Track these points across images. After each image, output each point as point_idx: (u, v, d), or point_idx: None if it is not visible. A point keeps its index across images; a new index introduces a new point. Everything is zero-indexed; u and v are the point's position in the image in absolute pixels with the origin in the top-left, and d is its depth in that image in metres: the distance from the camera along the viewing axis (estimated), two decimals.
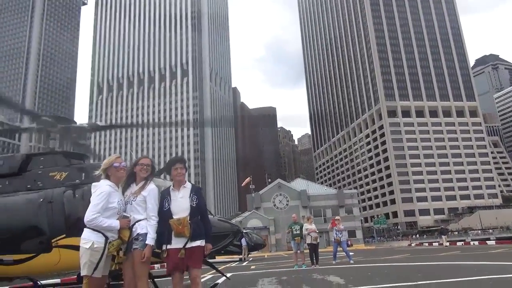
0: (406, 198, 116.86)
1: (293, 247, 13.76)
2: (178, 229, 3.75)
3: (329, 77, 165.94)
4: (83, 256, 3.53)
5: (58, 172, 6.40)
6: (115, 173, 3.81)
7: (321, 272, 10.31)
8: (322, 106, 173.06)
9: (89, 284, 3.53)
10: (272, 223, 50.57)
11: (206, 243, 3.93)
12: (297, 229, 13.52)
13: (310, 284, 7.51)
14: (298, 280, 8.70)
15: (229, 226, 6.56)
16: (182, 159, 4.17)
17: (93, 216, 3.53)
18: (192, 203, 3.91)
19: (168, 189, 4.05)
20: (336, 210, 54.11)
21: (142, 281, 3.70)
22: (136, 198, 3.85)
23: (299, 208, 49.30)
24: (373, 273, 9.50)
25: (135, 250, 3.69)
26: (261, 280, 9.16)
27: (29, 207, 6.03)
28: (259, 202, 53.08)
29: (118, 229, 3.68)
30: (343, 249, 14.98)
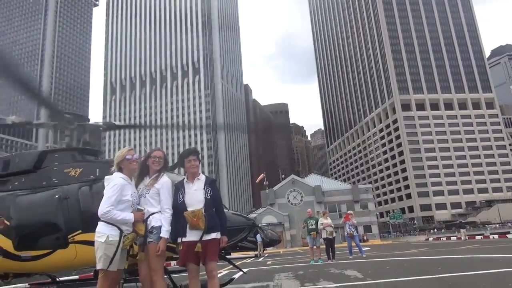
0: (422, 193, 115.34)
1: (309, 242, 13.66)
2: (193, 222, 3.68)
3: (341, 71, 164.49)
4: (99, 249, 3.49)
5: (73, 168, 6.39)
6: (127, 165, 3.76)
7: (338, 267, 10.19)
8: (335, 101, 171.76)
9: (104, 277, 3.50)
10: (287, 219, 50.44)
11: (222, 236, 3.86)
12: (312, 224, 13.40)
13: (327, 278, 7.40)
14: (315, 274, 8.60)
15: (244, 220, 6.46)
16: (195, 151, 4.11)
17: (107, 209, 3.49)
18: (206, 195, 3.84)
19: (182, 182, 3.99)
20: (351, 205, 53.68)
21: (157, 274, 3.65)
22: (149, 191, 3.80)
23: (314, 204, 49.00)
24: (391, 266, 9.34)
25: (149, 244, 3.65)
26: (277, 275, 9.09)
27: (45, 204, 6.04)
28: (273, 198, 52.96)
29: (133, 222, 3.63)
30: (355, 243, 14.88)
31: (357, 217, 52.43)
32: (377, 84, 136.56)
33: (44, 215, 5.97)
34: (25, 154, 6.91)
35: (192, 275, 3.79)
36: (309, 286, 6.45)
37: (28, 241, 5.90)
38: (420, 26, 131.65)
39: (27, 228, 5.93)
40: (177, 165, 5.98)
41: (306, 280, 7.41)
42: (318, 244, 13.57)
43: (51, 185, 6.27)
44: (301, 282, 7.19)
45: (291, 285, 6.85)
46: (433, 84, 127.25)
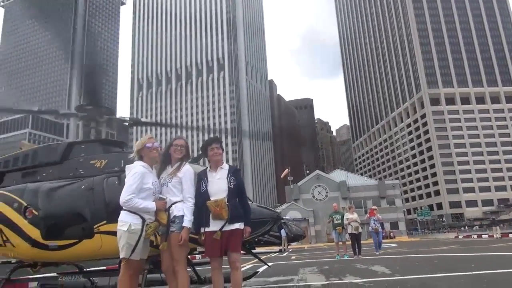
0: (452, 189, 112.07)
1: (335, 237, 13.44)
2: (215, 211, 3.60)
3: (368, 65, 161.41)
4: (121, 238, 3.47)
5: (98, 160, 6.45)
6: (148, 153, 3.72)
7: (365, 262, 9.96)
8: (361, 96, 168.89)
9: (127, 266, 3.47)
10: (311, 214, 50.05)
11: (245, 226, 3.77)
12: (338, 219, 13.17)
13: (354, 274, 7.21)
14: (340, 269, 8.41)
15: (269, 212, 6.35)
16: (218, 139, 4.03)
17: (128, 197, 3.45)
18: (230, 184, 3.75)
19: (205, 171, 3.92)
20: (377, 201, 52.65)
21: (180, 264, 3.59)
22: (171, 180, 3.74)
23: (339, 200, 48.38)
24: (421, 263, 9.04)
25: (172, 233, 3.59)
26: (302, 269, 8.97)
27: (72, 194, 6.12)
28: (298, 193, 52.63)
29: (155, 211, 3.59)
30: (379, 239, 14.59)
31: (383, 213, 51.40)
32: (404, 78, 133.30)
33: (70, 205, 6.05)
34: (53, 146, 7.03)
35: (215, 266, 3.72)
36: (335, 281, 6.29)
37: (55, 231, 5.99)
38: (450, 17, 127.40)
39: (54, 218, 6.03)
40: (201, 157, 5.93)
41: (332, 275, 7.25)
42: (344, 240, 13.33)
43: (78, 176, 6.35)
44: (326, 277, 7.04)
45: (316, 279, 6.70)
46: (464, 77, 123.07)
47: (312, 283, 6.19)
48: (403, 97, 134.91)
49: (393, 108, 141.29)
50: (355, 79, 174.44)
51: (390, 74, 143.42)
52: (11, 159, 7.15)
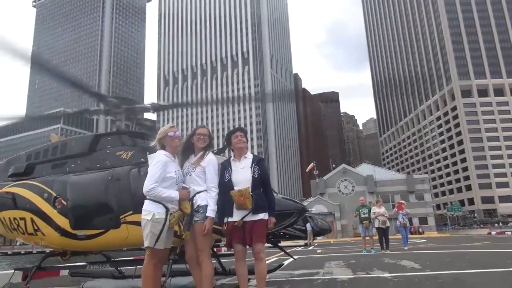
0: (484, 184, 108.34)
1: (361, 231, 13.21)
2: (239, 201, 3.54)
3: (395, 57, 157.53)
4: (145, 227, 3.47)
5: (124, 151, 6.51)
6: (170, 142, 3.69)
7: (393, 257, 9.72)
8: (388, 89, 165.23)
9: (151, 255, 3.47)
10: (338, 209, 49.50)
11: (270, 217, 3.69)
12: (365, 213, 12.92)
13: (382, 268, 7.03)
14: (367, 263, 8.23)
15: (294, 204, 6.25)
16: (242, 128, 3.97)
17: (151, 186, 3.44)
18: (254, 174, 3.68)
19: (229, 160, 3.87)
20: (406, 196, 51.54)
21: (204, 254, 3.56)
22: (195, 169, 3.70)
23: (366, 194, 47.61)
24: (453, 258, 8.73)
25: (196, 223, 3.56)
26: (328, 263, 8.84)
27: (99, 186, 6.20)
28: (324, 187, 52.14)
29: (179, 201, 3.56)
30: (406, 233, 14.25)
31: (412, 208, 50.31)
32: (434, 70, 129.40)
33: (97, 196, 6.14)
34: (81, 138, 7.16)
35: (239, 257, 3.67)
36: (362, 275, 6.14)
37: (83, 221, 6.10)
38: (483, 5, 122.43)
39: (82, 209, 6.14)
40: (225, 148, 5.90)
41: (359, 269, 7.09)
42: (371, 234, 13.06)
43: (104, 167, 6.43)
44: (353, 271, 6.89)
45: (343, 273, 6.56)
46: (497, 68, 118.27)
47: (338, 276, 6.06)
48: (432, 89, 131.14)
49: (422, 101, 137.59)
50: (382, 72, 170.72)
51: (419, 66, 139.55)
52: (41, 151, 7.33)
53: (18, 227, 6.74)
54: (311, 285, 5.24)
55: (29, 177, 6.94)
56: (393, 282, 5.09)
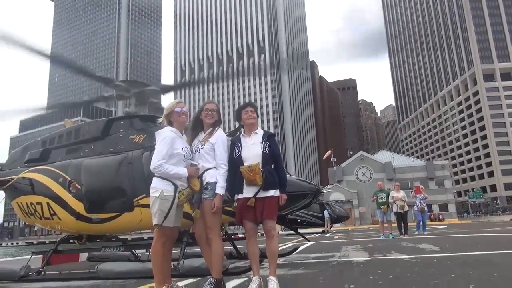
0: (507, 170, 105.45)
1: (379, 216, 12.98)
2: (249, 177, 3.44)
3: (414, 42, 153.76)
4: (153, 205, 3.41)
5: (137, 135, 6.50)
6: (177, 118, 3.60)
7: (411, 241, 9.52)
8: (407, 74, 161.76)
9: (160, 233, 3.41)
10: (356, 196, 49.02)
11: (281, 193, 3.57)
12: (383, 197, 12.67)
13: (399, 251, 6.87)
14: (385, 247, 8.07)
15: (308, 185, 6.15)
16: (252, 104, 3.85)
17: (158, 163, 3.37)
18: (264, 149, 3.57)
19: (238, 136, 3.77)
20: (425, 182, 50.52)
21: (213, 232, 3.48)
22: (204, 146, 3.60)
23: (384, 181, 46.68)
24: (473, 241, 8.49)
25: (205, 200, 3.47)
26: (344, 247, 8.72)
27: (113, 169, 6.21)
28: (341, 175, 51.64)
29: (188, 178, 3.48)
30: (422, 219, 13.92)
31: (432, 195, 49.37)
32: (455, 54, 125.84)
33: (111, 180, 6.16)
34: (94, 123, 7.18)
35: (250, 234, 3.58)
36: (379, 257, 6.00)
37: (97, 205, 6.14)
38: None
39: (96, 193, 6.18)
40: (238, 130, 5.83)
41: (376, 252, 6.95)
42: (389, 219, 12.82)
43: (118, 151, 6.44)
44: (369, 253, 6.76)
45: (359, 255, 6.44)
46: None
47: (354, 259, 5.95)
48: (453, 74, 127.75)
49: (442, 86, 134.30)
50: (401, 57, 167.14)
51: (439, 50, 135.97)
52: (56, 136, 7.40)
53: (35, 212, 6.84)
54: (326, 266, 5.14)
55: (44, 162, 7.02)
56: (411, 263, 4.94)
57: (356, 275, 4.16)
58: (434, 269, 4.24)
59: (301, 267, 5.17)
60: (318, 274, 4.32)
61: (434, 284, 3.28)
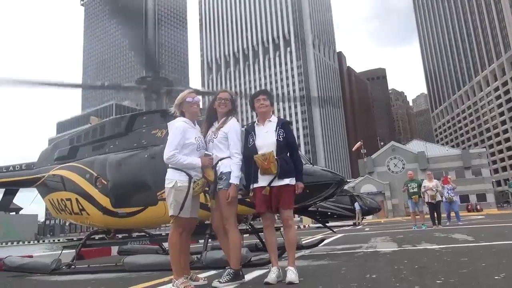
0: None
1: (410, 207, 12.63)
2: (263, 165, 3.37)
3: (446, 26, 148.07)
4: (168, 196, 3.40)
5: (159, 130, 6.56)
6: (188, 108, 3.58)
7: (444, 231, 9.18)
8: (439, 61, 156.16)
9: (176, 224, 3.41)
10: (388, 187, 47.96)
11: (297, 182, 3.48)
12: (414, 187, 12.30)
13: (430, 241, 6.62)
14: (416, 238, 7.82)
15: (331, 175, 6.01)
16: (266, 91, 3.78)
17: (171, 153, 3.35)
18: (278, 137, 3.48)
19: (252, 125, 3.70)
20: (461, 172, 48.90)
21: (230, 223, 3.44)
22: (217, 136, 3.56)
23: (417, 172, 45.50)
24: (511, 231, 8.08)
25: (220, 191, 3.43)
26: (373, 238, 8.53)
27: (136, 164, 6.31)
28: (372, 166, 50.64)
29: (202, 168, 3.45)
30: (453, 209, 13.40)
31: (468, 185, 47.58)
32: (490, 38, 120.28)
33: (135, 175, 6.25)
34: (117, 119, 7.30)
35: (267, 224, 3.52)
36: (407, 247, 5.80)
37: (122, 199, 6.25)
38: None
39: (121, 187, 6.29)
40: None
41: (405, 243, 6.74)
42: (421, 209, 12.44)
43: (141, 146, 6.52)
44: (398, 244, 6.55)
45: (387, 246, 6.26)
46: None
47: (381, 249, 5.78)
48: (488, 58, 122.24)
49: (477, 71, 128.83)
50: (432, 43, 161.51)
51: (472, 34, 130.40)
52: (83, 134, 7.59)
53: (65, 207, 7.05)
54: (351, 257, 5.01)
55: (72, 159, 7.21)
56: (440, 252, 4.74)
57: (381, 265, 4.03)
58: (464, 258, 4.04)
59: (325, 258, 5.06)
60: (341, 265, 4.21)
61: (462, 273, 3.11)
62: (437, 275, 3.03)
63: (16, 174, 8.11)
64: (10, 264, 5.85)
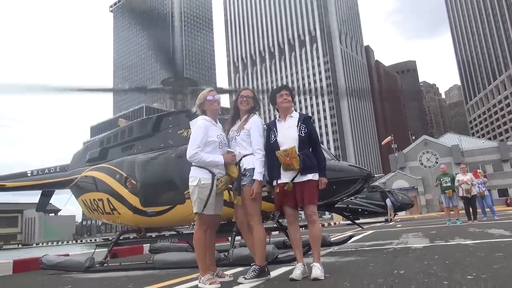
0: None
1: (444, 202, 12.24)
2: (285, 161, 3.35)
3: (479, 14, 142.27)
4: (192, 193, 3.45)
5: (184, 129, 6.65)
6: (209, 107, 3.62)
7: (480, 226, 8.85)
8: (473, 51, 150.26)
9: (201, 221, 3.45)
10: (420, 183, 46.67)
11: (321, 177, 3.44)
12: (447, 181, 11.90)
13: (464, 236, 6.40)
14: (449, 233, 7.57)
15: (358, 170, 5.93)
16: (287, 87, 3.75)
17: (193, 151, 3.40)
18: (300, 132, 3.46)
19: (274, 121, 3.69)
20: (499, 165, 46.95)
21: (254, 219, 3.45)
22: (239, 133, 3.58)
23: (451, 166, 44.06)
24: None
25: (244, 187, 3.45)
26: (405, 234, 8.32)
27: (164, 164, 6.43)
28: (404, 161, 49.42)
29: (224, 165, 3.48)
30: (487, 204, 12.85)
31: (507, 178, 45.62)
32: None
33: (163, 174, 6.38)
34: (144, 121, 7.46)
35: (290, 220, 3.50)
36: (439, 243, 5.63)
37: (151, 198, 6.40)
38: None
39: (149, 187, 6.43)
40: None
41: (438, 238, 6.54)
42: (456, 204, 12.02)
43: (167, 146, 6.65)
44: (431, 240, 6.37)
45: (418, 242, 6.09)
46: None
47: (412, 245, 5.63)
48: None
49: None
50: (465, 32, 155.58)
51: (508, 21, 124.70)
52: (112, 136, 7.81)
53: (98, 207, 7.28)
54: (380, 253, 4.91)
55: (103, 160, 7.43)
56: (474, 248, 4.57)
57: (410, 260, 3.92)
58: (499, 253, 3.88)
59: (353, 255, 4.98)
60: (369, 261, 4.13)
61: (495, 269, 2.99)
62: (468, 271, 2.93)
63: (51, 176, 8.45)
64: (47, 262, 6.10)
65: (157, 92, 7.69)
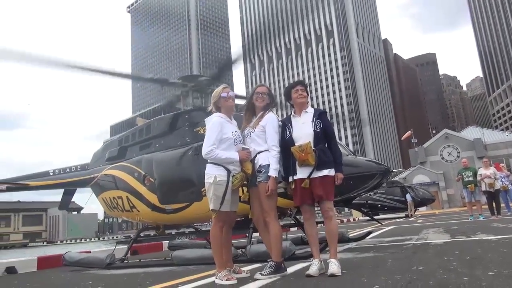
0: None
1: (466, 196, 11.97)
2: (301, 157, 3.33)
3: (502, 3, 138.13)
4: (209, 190, 3.48)
5: (201, 127, 6.69)
6: (224, 103, 3.62)
7: (503, 222, 8.63)
8: (495, 41, 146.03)
9: (217, 218, 3.47)
10: (442, 177, 45.74)
11: (337, 172, 3.41)
12: (468, 175, 11.62)
13: (487, 232, 6.25)
14: (471, 228, 7.40)
15: (376, 165, 5.85)
16: (303, 82, 3.74)
17: (209, 149, 3.42)
18: (315, 128, 3.43)
19: (289, 117, 3.68)
20: None
21: (270, 215, 3.45)
22: (255, 129, 3.58)
23: (474, 160, 43.00)
24: None
25: (259, 184, 3.45)
26: (425, 230, 8.19)
27: (181, 161, 6.49)
28: (424, 156, 48.49)
29: (239, 162, 3.49)
30: (510, 198, 12.45)
31: None
32: None
33: (180, 172, 6.44)
34: (162, 119, 7.54)
35: (307, 216, 3.49)
36: (461, 239, 5.51)
37: (169, 196, 6.47)
38: None
39: (167, 184, 6.50)
40: None
41: (459, 234, 6.41)
42: (478, 198, 11.74)
43: (184, 144, 6.70)
44: (452, 235, 6.25)
45: (439, 237, 5.98)
46: None
47: (432, 241, 5.53)
48: None
49: None
50: (487, 22, 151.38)
51: None
52: (130, 134, 7.92)
53: (117, 205, 7.41)
54: (399, 249, 4.84)
55: (122, 159, 7.55)
56: (496, 243, 4.46)
57: (430, 256, 3.86)
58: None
59: (371, 251, 4.93)
60: (387, 257, 4.08)
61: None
62: (490, 267, 2.86)
63: (72, 175, 8.65)
64: (69, 259, 6.25)
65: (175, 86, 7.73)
